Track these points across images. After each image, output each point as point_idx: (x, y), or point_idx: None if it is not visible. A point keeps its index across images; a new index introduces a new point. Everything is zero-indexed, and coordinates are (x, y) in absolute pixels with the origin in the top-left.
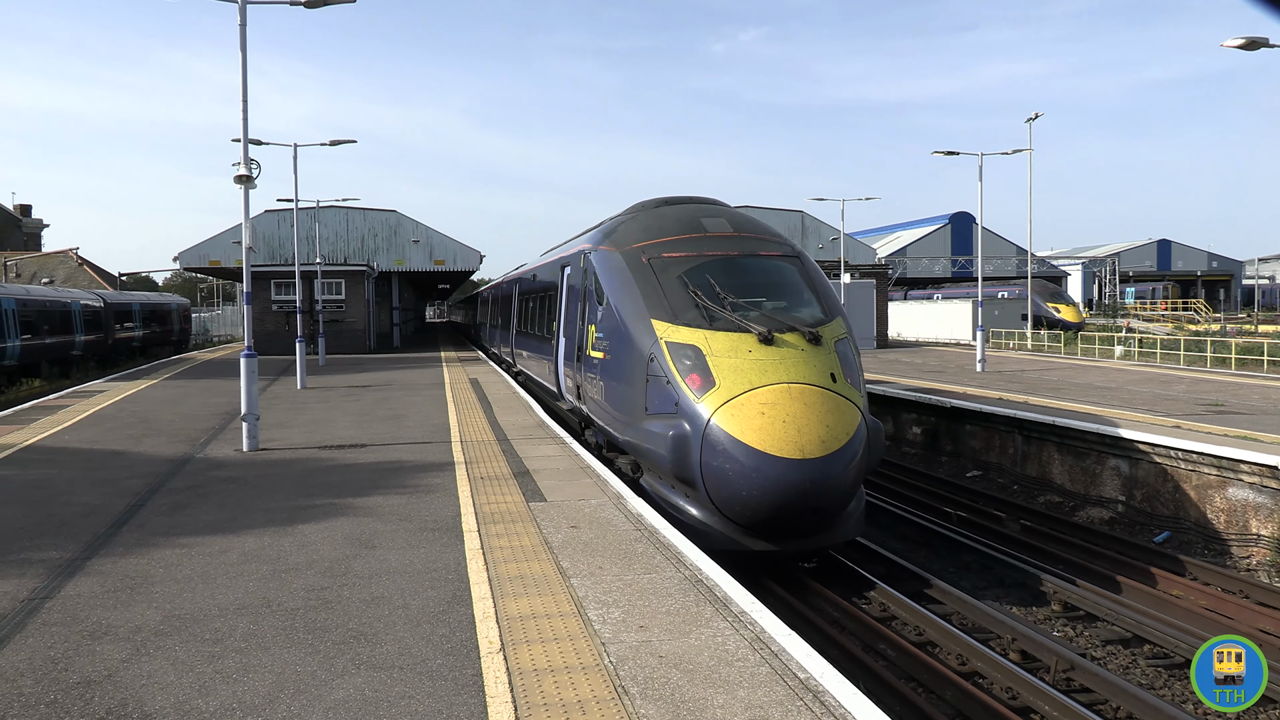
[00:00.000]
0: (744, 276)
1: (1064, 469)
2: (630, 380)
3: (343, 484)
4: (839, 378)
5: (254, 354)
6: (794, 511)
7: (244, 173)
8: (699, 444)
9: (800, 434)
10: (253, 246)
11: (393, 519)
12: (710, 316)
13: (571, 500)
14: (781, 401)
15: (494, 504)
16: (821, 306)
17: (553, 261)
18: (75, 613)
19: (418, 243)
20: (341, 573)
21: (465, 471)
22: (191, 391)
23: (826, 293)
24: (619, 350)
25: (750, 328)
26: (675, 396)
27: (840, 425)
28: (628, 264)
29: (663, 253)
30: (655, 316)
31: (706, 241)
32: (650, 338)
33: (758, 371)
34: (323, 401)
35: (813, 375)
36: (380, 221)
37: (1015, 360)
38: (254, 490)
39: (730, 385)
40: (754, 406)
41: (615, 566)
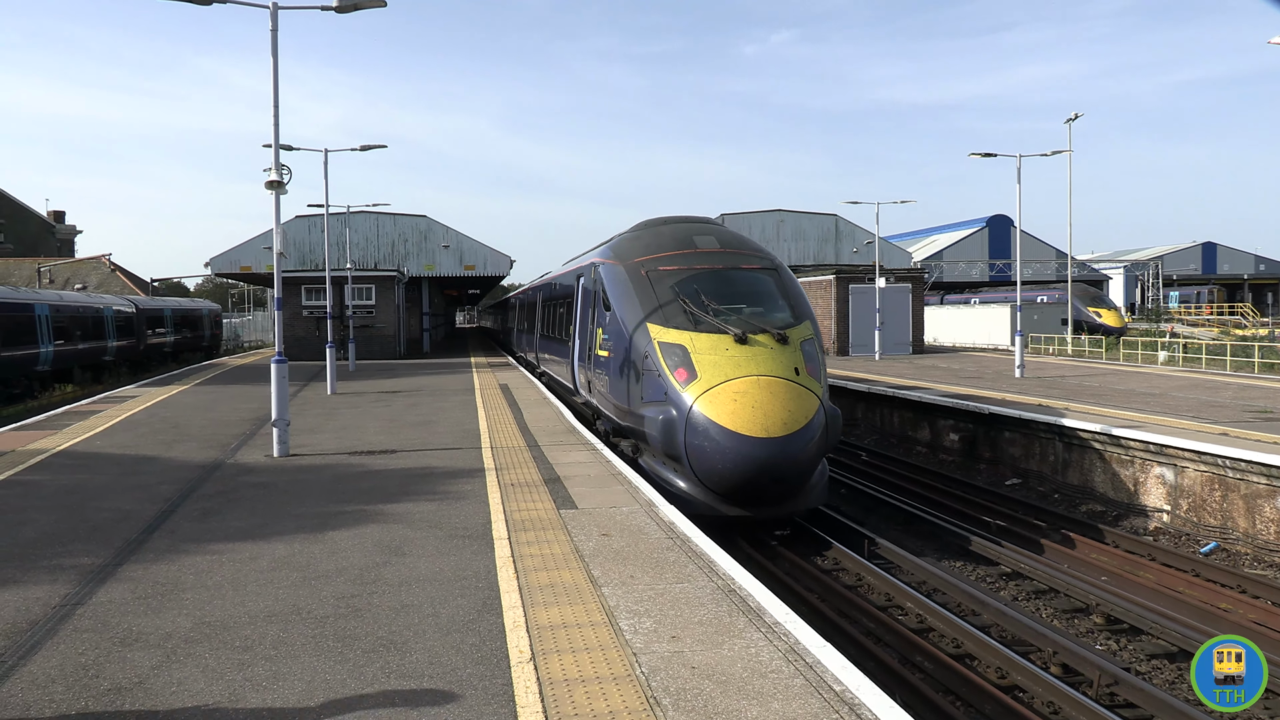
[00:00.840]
0: (727, 286)
1: (1106, 477)
2: (629, 374)
3: (373, 490)
4: (801, 371)
5: (284, 359)
6: (761, 481)
7: (275, 178)
8: (683, 426)
9: (766, 417)
10: (283, 252)
11: (423, 526)
12: (695, 320)
13: (603, 507)
14: (751, 390)
15: (524, 511)
16: (792, 312)
17: (569, 272)
18: (106, 619)
19: (448, 248)
20: (371, 580)
21: (495, 478)
22: (222, 397)
23: (798, 300)
24: (620, 349)
25: (728, 329)
26: (665, 387)
27: (800, 410)
28: (629, 276)
29: (659, 266)
30: (650, 321)
31: (696, 256)
32: (646, 339)
33: (732, 366)
34: (353, 407)
35: (779, 369)
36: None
37: (1055, 366)
38: (284, 496)
39: (709, 377)
40: (729, 394)
41: (647, 575)
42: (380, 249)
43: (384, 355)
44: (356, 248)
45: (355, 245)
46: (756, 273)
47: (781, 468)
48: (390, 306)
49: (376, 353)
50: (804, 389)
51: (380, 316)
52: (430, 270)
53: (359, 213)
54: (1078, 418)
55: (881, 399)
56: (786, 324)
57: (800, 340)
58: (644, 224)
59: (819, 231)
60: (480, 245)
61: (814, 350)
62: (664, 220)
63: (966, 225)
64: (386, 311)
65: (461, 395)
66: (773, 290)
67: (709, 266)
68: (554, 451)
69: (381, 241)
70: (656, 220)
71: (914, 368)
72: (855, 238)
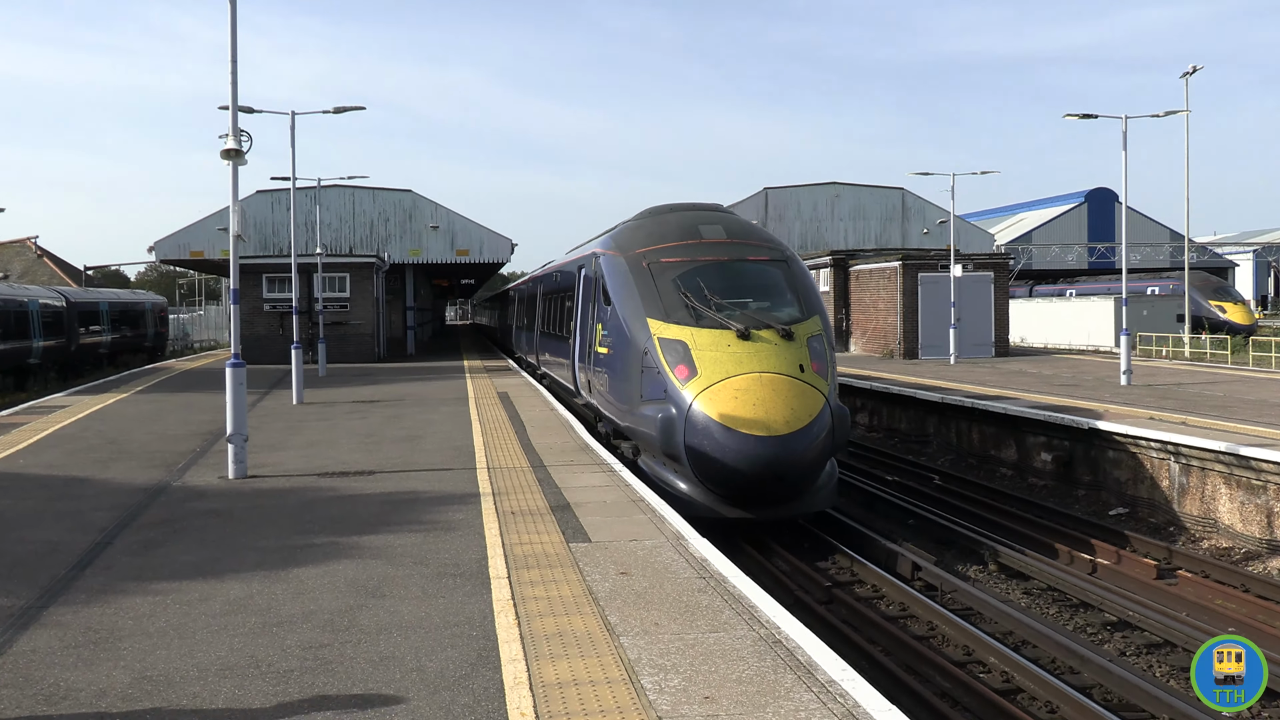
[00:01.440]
0: (732, 279)
1: (1233, 506)
2: (629, 372)
3: (346, 519)
4: (807, 368)
5: (242, 363)
6: (762, 480)
7: (232, 146)
8: (683, 424)
9: (767, 415)
10: (241, 234)
11: (406, 562)
12: (697, 315)
13: (621, 540)
14: (753, 388)
15: (527, 544)
16: (800, 306)
17: (571, 262)
18: (29, 673)
19: (437, 229)
20: (344, 627)
21: (493, 505)
22: (168, 407)
23: (807, 294)
24: (620, 346)
25: (730, 325)
26: (665, 385)
27: (804, 408)
28: (630, 268)
29: (661, 258)
30: (650, 315)
31: (701, 247)
32: (645, 334)
33: (734, 362)
34: (323, 420)
35: (782, 366)
36: (393, 204)
37: (1169, 371)
38: (241, 526)
39: (710, 374)
40: (729, 392)
41: (674, 622)
42: (357, 230)
43: (360, 357)
44: (329, 229)
45: (327, 226)
46: (764, 265)
47: (784, 466)
48: (368, 299)
49: (351, 354)
50: (808, 386)
51: (356, 311)
52: (416, 256)
53: (332, 187)
54: (1197, 434)
55: (958, 412)
56: (793, 319)
57: (807, 336)
58: (648, 211)
59: (882, 208)
60: (476, 226)
61: (822, 347)
62: (670, 208)
63: (1061, 201)
64: (363, 305)
65: (452, 405)
66: (780, 283)
67: (714, 258)
68: (563, 473)
69: (359, 222)
70: (662, 208)
71: (997, 374)
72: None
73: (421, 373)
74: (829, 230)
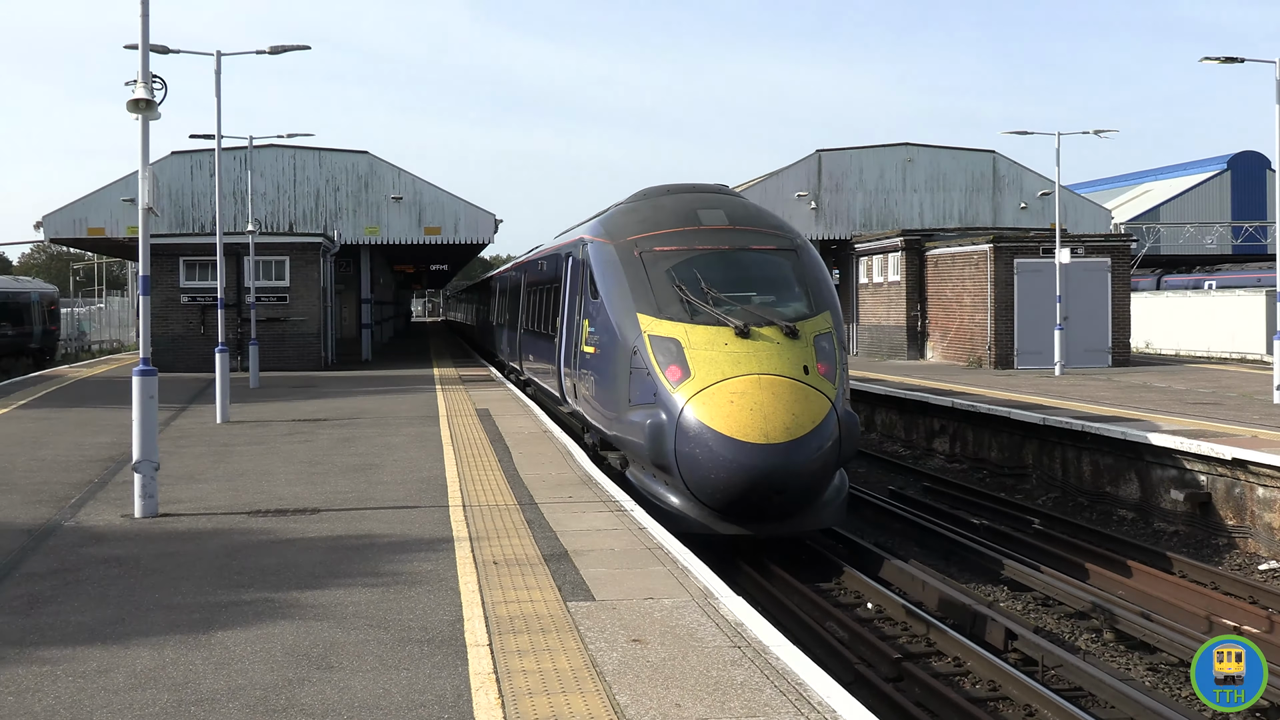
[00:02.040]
0: (733, 270)
1: None
2: (616, 373)
3: (284, 570)
4: (812, 370)
5: (153, 370)
6: (760, 493)
7: (142, 94)
8: (674, 431)
9: (766, 421)
10: (153, 207)
11: (359, 625)
12: (692, 311)
13: (633, 599)
14: (751, 391)
15: (514, 603)
16: (808, 301)
17: (557, 249)
18: None
19: (400, 201)
20: (281, 707)
21: (470, 552)
22: (59, 426)
23: (818, 287)
24: (607, 344)
25: (728, 321)
26: (655, 387)
27: (806, 414)
28: (620, 257)
29: (654, 246)
30: (641, 310)
31: (699, 235)
32: (635, 331)
33: (731, 363)
34: (256, 443)
35: (784, 367)
36: (345, 169)
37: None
38: (151, 578)
39: (704, 376)
40: (725, 395)
41: (701, 704)
42: (299, 203)
43: (303, 364)
44: (264, 201)
45: (262, 197)
46: (770, 254)
47: (783, 478)
48: (312, 290)
49: (291, 360)
50: (813, 390)
51: (297, 305)
52: (374, 235)
53: (267, 147)
54: None
55: (1064, 437)
56: (800, 315)
57: (814, 334)
58: (643, 193)
59: (969, 177)
60: (450, 198)
61: (830, 346)
62: (666, 189)
63: (1197, 168)
64: (307, 298)
65: (419, 425)
66: (788, 275)
67: (713, 247)
68: (559, 512)
69: (301, 191)
70: (657, 189)
71: (1114, 389)
72: (1024, 186)
73: (380, 383)
74: (900, 204)
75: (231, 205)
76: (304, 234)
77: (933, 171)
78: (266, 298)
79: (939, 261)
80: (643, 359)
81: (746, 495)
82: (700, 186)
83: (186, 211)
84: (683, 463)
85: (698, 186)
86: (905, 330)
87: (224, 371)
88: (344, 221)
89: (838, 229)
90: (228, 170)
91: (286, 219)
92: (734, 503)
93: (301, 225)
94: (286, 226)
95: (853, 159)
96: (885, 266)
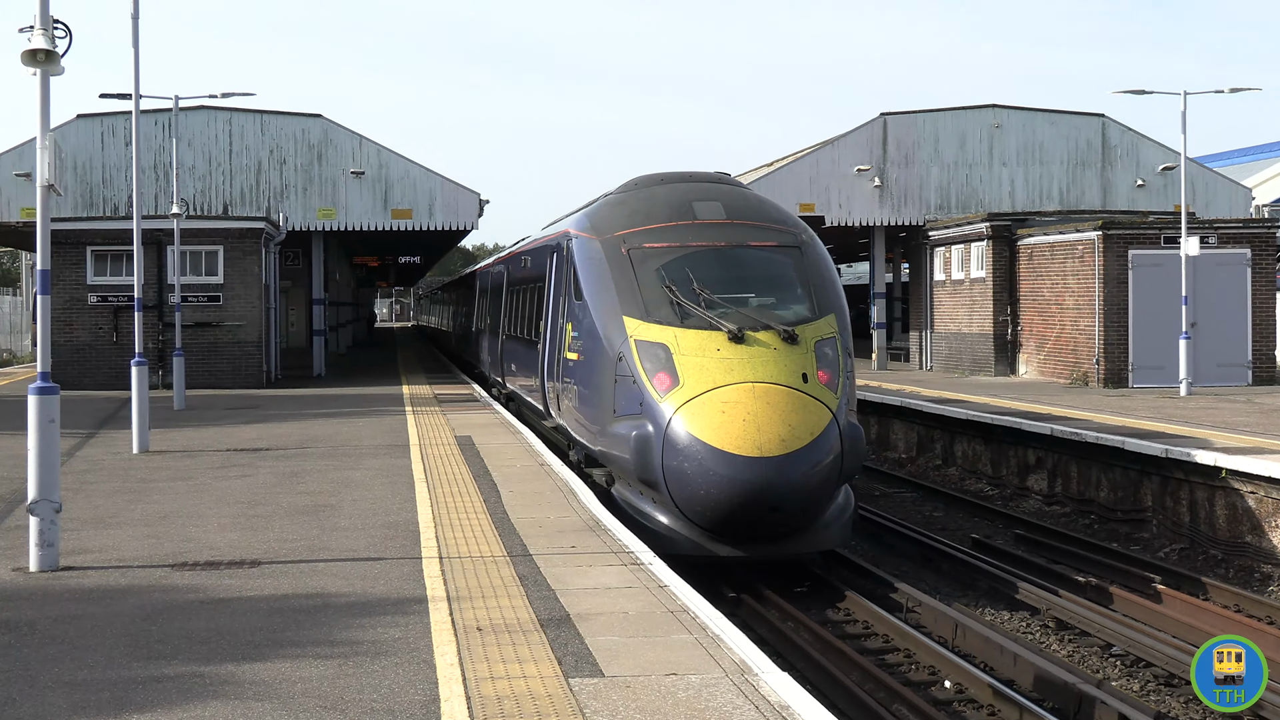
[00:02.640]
0: (729, 269)
1: None
2: (600, 382)
3: (216, 637)
4: (812, 378)
5: (53, 387)
6: (752, 510)
7: (41, 44)
8: (661, 444)
9: (759, 432)
10: (54, 184)
11: (310, 706)
12: (683, 313)
13: (651, 674)
14: (743, 400)
15: (502, 679)
16: (811, 303)
17: (542, 244)
18: None
19: (362, 177)
20: None
21: (448, 614)
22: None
23: (823, 287)
24: (591, 350)
25: (721, 325)
26: (641, 397)
27: (804, 425)
28: (606, 254)
29: (644, 242)
30: (627, 313)
31: (693, 230)
32: (620, 335)
33: (723, 370)
34: (182, 478)
35: (780, 374)
36: (293, 137)
37: None
38: (50, 648)
39: (694, 384)
40: (715, 405)
41: None
42: (236, 179)
43: (240, 379)
44: (193, 177)
45: (191, 172)
46: (770, 252)
47: (778, 494)
48: (252, 287)
49: (226, 375)
50: (811, 399)
51: (234, 306)
52: (329, 220)
53: (198, 109)
54: None
55: (1192, 473)
56: (801, 318)
57: (815, 339)
58: (634, 183)
59: (1070, 145)
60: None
61: (834, 353)
62: (661, 178)
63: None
64: (245, 297)
65: (384, 456)
66: (789, 274)
67: (708, 244)
68: (559, 566)
69: (239, 165)
70: (650, 178)
71: (1257, 412)
72: (1140, 159)
73: (337, 404)
74: (985, 180)
75: (152, 182)
76: (242, 218)
77: (1026, 140)
78: (195, 297)
79: (1034, 253)
80: (628, 366)
81: (738, 512)
82: (697, 175)
83: (96, 189)
84: (670, 478)
85: (694, 175)
86: (992, 339)
87: (142, 389)
88: (292, 202)
89: (907, 212)
90: (148, 138)
91: (220, 199)
92: (725, 521)
93: (239, 207)
94: (220, 209)
95: (926, 125)
96: (966, 259)
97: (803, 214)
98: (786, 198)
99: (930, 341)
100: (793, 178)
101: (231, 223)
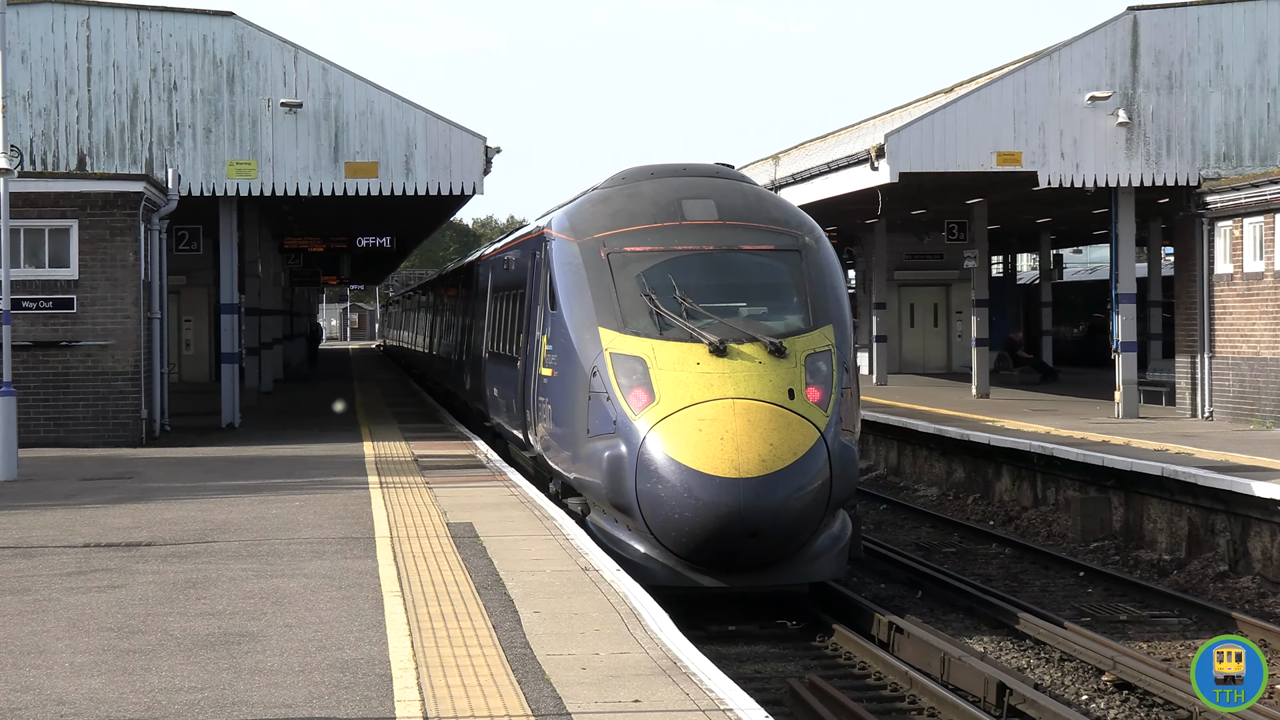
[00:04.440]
0: (717, 276)
1: None
2: (574, 400)
3: None
4: (799, 394)
5: None
6: (729, 536)
7: None
8: (634, 465)
9: (738, 452)
10: None
11: None
12: (662, 324)
13: None
14: (722, 417)
15: None
16: (807, 313)
17: (523, 242)
18: None
19: (298, 110)
20: None
21: None
22: None
23: (823, 296)
24: (565, 365)
25: (702, 337)
26: (615, 415)
27: (786, 445)
28: (584, 259)
29: (625, 245)
30: (603, 324)
31: (680, 232)
32: (595, 348)
33: (702, 385)
34: (15, 590)
35: (764, 390)
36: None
37: None
38: None
39: (671, 400)
40: (692, 422)
41: None
42: (99, 114)
43: (106, 431)
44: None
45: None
46: (765, 256)
47: (756, 518)
48: (124, 285)
49: (83, 426)
50: (797, 417)
51: (94, 315)
52: (246, 178)
53: (39, 3)
54: None
55: None
56: (793, 330)
57: (807, 352)
58: (621, 176)
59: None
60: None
61: (828, 368)
62: (649, 172)
63: None
64: (113, 301)
65: (334, 556)
66: (784, 281)
67: (695, 247)
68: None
69: (103, 92)
70: (640, 171)
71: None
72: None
73: (260, 472)
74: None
75: None
76: (108, 176)
77: None
78: (36, 302)
79: None
80: (602, 381)
81: (715, 538)
82: (692, 168)
83: None
84: (644, 502)
85: (689, 168)
86: None
87: None
88: (188, 152)
89: (1170, 165)
90: None
91: (74, 146)
92: (702, 548)
93: (103, 159)
94: (74, 161)
95: (1201, 24)
96: (1271, 240)
97: (1002, 166)
98: (975, 142)
99: (1208, 371)
100: (984, 111)
101: (91, 183)
